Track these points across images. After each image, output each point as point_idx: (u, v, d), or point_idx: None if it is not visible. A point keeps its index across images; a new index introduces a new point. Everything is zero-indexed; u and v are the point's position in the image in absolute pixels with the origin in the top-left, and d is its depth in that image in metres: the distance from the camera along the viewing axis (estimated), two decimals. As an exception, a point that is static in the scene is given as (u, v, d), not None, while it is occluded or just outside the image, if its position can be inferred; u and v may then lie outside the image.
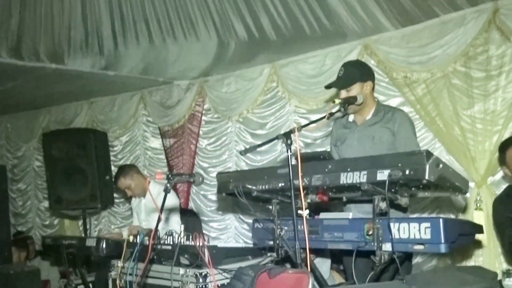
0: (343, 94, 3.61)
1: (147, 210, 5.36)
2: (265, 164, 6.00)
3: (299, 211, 3.40)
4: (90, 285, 5.16)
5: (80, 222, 7.99)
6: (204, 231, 6.15)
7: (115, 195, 7.25)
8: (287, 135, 3.05)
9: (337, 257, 4.33)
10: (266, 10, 5.07)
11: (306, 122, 5.63)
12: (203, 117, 6.78)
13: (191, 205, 6.71)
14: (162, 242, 4.06)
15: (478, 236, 3.50)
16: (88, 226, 7.30)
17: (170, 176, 3.08)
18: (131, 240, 4.32)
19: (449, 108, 4.65)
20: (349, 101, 3.45)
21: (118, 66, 6.24)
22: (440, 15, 4.71)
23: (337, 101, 3.37)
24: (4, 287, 4.80)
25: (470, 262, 4.52)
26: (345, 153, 3.71)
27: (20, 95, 7.41)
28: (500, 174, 4.45)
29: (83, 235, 7.58)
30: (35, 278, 5.09)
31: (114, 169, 7.23)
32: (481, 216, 4.43)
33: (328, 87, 3.81)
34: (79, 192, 6.76)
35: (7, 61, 5.61)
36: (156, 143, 7.29)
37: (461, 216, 4.61)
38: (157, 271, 3.88)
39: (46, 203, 8.44)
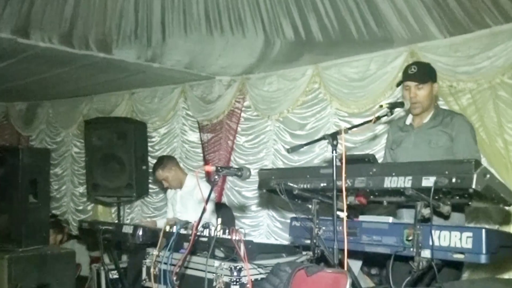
0: (413, 89, 3.58)
1: (182, 202, 5.43)
2: (302, 164, 6.00)
3: (338, 212, 3.47)
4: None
5: (113, 209, 8.14)
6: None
7: (149, 185, 7.36)
8: (333, 136, 3.07)
9: (370, 261, 4.33)
10: (315, 11, 5.06)
11: (347, 125, 5.68)
12: (242, 114, 6.82)
13: (224, 200, 6.77)
14: (198, 233, 4.13)
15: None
16: (121, 214, 7.41)
17: (219, 168, 3.12)
18: (167, 230, 4.41)
19: (494, 119, 4.59)
20: (396, 106, 3.44)
21: (163, 59, 6.32)
22: (491, 26, 4.66)
23: (385, 105, 3.36)
24: (40, 268, 4.90)
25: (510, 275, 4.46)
26: (400, 156, 3.70)
27: (64, 82, 7.54)
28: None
29: (116, 221, 7.73)
30: (70, 261, 5.19)
31: (150, 160, 7.36)
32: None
33: (402, 81, 3.71)
34: (115, 180, 6.89)
35: (57, 48, 5.72)
36: (193, 136, 7.36)
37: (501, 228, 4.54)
38: (191, 262, 3.93)
39: (81, 189, 8.63)
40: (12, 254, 4.77)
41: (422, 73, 3.61)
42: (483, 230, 2.67)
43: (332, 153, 3.04)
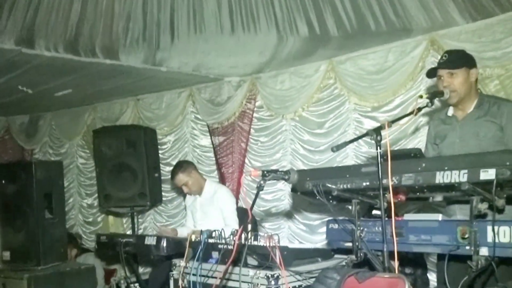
0: (446, 77, 3.39)
1: (203, 209, 5.27)
2: (324, 164, 5.85)
3: (374, 212, 3.30)
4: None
5: (125, 220, 7.99)
6: (256, 231, 6.03)
7: (163, 193, 7.18)
8: (377, 131, 2.90)
9: (404, 260, 4.16)
10: (331, 5, 4.92)
11: (368, 120, 5.53)
12: (255, 115, 6.64)
13: (241, 203, 6.58)
14: (227, 241, 3.96)
15: None
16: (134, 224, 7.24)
17: (265, 173, 2.94)
18: (193, 239, 4.24)
19: (527, 105, 4.41)
20: (436, 95, 3.26)
21: (171, 62, 6.14)
22: (517, 8, 4.50)
23: (424, 95, 3.18)
24: (61, 285, 4.73)
25: None
26: (446, 152, 3.47)
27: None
28: None
29: (128, 232, 7.56)
30: (90, 276, 5.04)
31: (162, 167, 7.19)
32: None
33: (432, 70, 3.53)
34: (128, 189, 6.70)
35: (63, 56, 5.54)
36: (205, 140, 7.18)
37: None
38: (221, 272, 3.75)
39: (89, 200, 8.48)
40: (31, 273, 4.63)
41: (454, 59, 3.42)
42: (548, 223, 2.49)
43: (377, 149, 2.86)
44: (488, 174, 2.52)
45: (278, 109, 6.36)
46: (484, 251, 2.66)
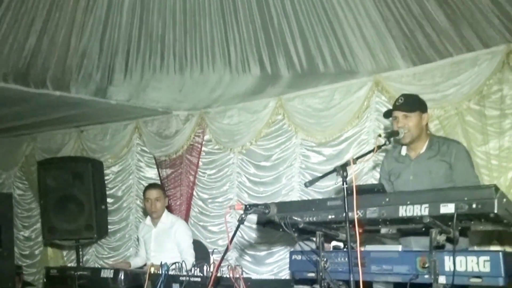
0: (401, 119, 3.66)
1: (158, 240, 5.25)
2: (269, 195, 6.03)
3: (332, 243, 3.51)
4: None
5: (65, 252, 7.82)
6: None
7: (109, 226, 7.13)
8: (343, 167, 3.10)
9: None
10: (284, 47, 5.19)
11: (315, 154, 5.80)
12: (203, 148, 6.77)
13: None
14: (190, 274, 4.03)
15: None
16: (75, 257, 7.10)
17: (248, 206, 3.08)
18: (152, 272, 4.26)
19: (463, 144, 4.79)
20: (392, 135, 3.52)
21: (121, 95, 6.20)
22: (453, 55, 4.91)
23: (382, 134, 3.44)
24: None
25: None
26: (401, 187, 3.74)
27: (7, 121, 7.23)
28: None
29: (68, 265, 7.41)
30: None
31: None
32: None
33: (388, 111, 3.82)
34: (74, 221, 6.61)
35: (12, 87, 5.49)
36: (151, 172, 7.23)
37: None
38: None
39: (26, 232, 8.23)
40: (-20, 310, 4.46)
41: (409, 103, 3.71)
42: (500, 253, 2.75)
43: (343, 184, 3.05)
44: (448, 208, 2.76)
45: (226, 143, 6.54)
46: (442, 280, 2.87)
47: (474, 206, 2.69)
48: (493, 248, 4.58)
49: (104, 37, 5.09)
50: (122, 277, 4.37)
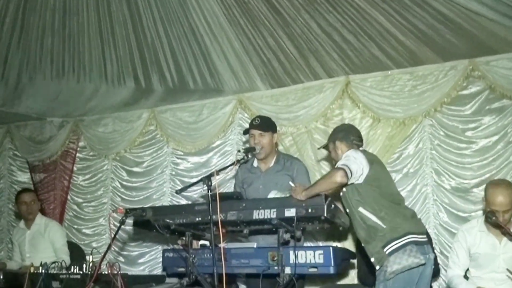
0: (257, 137, 4.28)
1: (32, 242, 5.48)
2: (141, 199, 6.56)
3: (201, 242, 4.14)
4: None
5: None
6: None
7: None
8: (208, 178, 3.71)
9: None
10: (157, 64, 5.74)
11: (185, 162, 6.39)
12: (78, 154, 7.11)
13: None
14: (70, 272, 4.38)
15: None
16: None
17: (128, 210, 3.53)
18: (32, 271, 4.53)
19: (312, 158, 5.62)
20: (250, 150, 4.18)
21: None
22: (304, 82, 5.74)
23: (242, 150, 4.11)
24: None
25: (346, 281, 5.43)
26: (252, 195, 4.37)
27: None
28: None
29: None
30: None
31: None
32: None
33: (247, 129, 4.41)
34: None
35: None
36: (23, 177, 7.37)
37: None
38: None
39: None
40: None
41: (264, 124, 4.40)
42: (331, 248, 3.51)
43: (208, 192, 3.64)
44: (290, 212, 3.49)
45: (101, 150, 6.93)
46: (288, 270, 3.53)
47: (310, 210, 3.42)
48: (335, 244, 5.43)
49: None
50: (1, 276, 4.51)
